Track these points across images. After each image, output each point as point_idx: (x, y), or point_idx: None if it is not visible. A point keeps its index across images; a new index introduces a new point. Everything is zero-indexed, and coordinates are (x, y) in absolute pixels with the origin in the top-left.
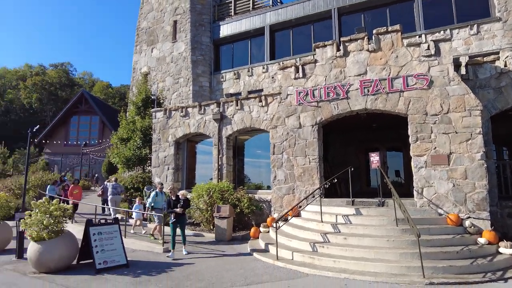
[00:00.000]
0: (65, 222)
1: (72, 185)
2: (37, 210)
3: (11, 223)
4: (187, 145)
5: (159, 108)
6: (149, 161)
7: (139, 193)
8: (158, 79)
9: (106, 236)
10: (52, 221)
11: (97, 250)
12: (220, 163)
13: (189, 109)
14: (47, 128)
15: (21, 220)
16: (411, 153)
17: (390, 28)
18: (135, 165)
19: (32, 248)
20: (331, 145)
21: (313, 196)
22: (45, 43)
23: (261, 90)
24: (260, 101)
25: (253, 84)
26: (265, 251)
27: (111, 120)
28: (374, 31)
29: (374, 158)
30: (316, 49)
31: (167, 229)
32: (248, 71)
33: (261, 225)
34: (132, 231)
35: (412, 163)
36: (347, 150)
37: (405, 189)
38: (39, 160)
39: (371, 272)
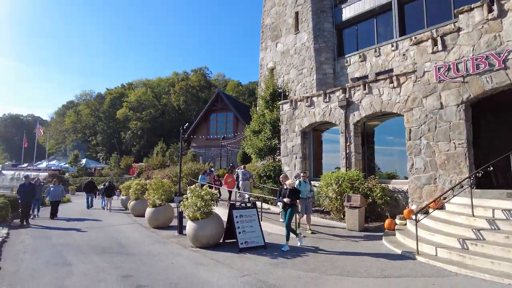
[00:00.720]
0: (213, 205)
1: (227, 174)
2: (191, 194)
3: (172, 205)
4: (313, 134)
5: (285, 100)
6: (278, 151)
7: (266, 178)
8: (283, 72)
9: (246, 218)
10: (203, 204)
11: (240, 231)
12: (347, 151)
13: (314, 98)
14: (192, 126)
15: (180, 202)
16: None
17: None
18: (266, 155)
19: (189, 226)
20: (482, 127)
21: (461, 187)
22: (186, 52)
23: (391, 71)
24: (391, 82)
25: (381, 64)
26: (403, 244)
27: (243, 115)
28: None
29: None
30: (459, 15)
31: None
32: (375, 51)
33: (397, 217)
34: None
35: None
36: (506, 132)
37: None
38: (188, 152)
39: None
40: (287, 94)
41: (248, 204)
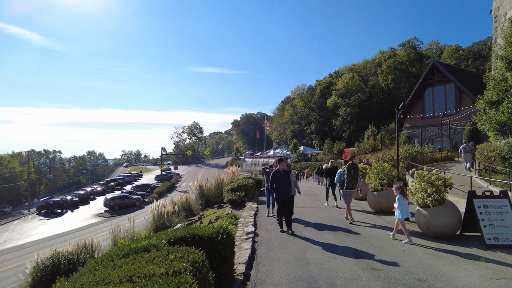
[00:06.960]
0: (446, 192)
1: None
2: (419, 180)
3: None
4: None
5: None
6: None
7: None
8: None
9: (494, 210)
10: (434, 190)
11: (485, 224)
12: None
13: None
14: (402, 104)
15: (407, 187)
16: None
17: None
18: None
19: (418, 213)
20: None
21: None
22: (391, 27)
23: None
24: None
25: None
26: None
27: (468, 85)
28: None
29: None
30: None
31: None
32: None
33: None
34: None
35: None
36: None
37: None
38: (401, 134)
39: None
40: None
41: (496, 193)
